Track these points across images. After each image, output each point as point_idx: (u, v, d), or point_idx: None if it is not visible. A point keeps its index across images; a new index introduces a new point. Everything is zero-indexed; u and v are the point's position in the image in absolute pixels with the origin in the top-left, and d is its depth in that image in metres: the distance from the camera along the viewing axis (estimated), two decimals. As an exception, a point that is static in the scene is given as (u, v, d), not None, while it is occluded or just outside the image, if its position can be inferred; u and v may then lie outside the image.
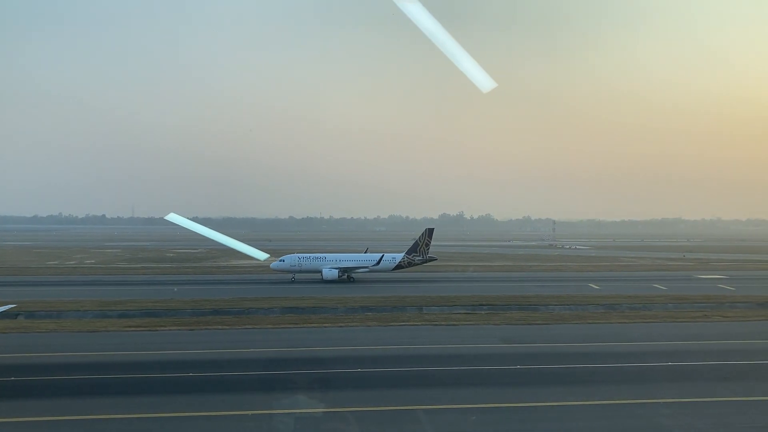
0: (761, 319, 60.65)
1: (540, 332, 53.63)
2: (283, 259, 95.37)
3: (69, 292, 78.43)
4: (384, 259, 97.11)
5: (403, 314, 62.46)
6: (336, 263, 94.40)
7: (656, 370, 40.10)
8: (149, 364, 41.28)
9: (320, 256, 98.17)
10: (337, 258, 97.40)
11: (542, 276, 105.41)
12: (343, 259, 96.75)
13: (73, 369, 39.85)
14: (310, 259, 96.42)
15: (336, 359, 42.81)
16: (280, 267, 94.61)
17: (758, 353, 43.81)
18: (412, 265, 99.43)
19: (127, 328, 54.86)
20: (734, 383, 36.86)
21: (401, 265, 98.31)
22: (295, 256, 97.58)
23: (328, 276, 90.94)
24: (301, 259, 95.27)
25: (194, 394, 34.57)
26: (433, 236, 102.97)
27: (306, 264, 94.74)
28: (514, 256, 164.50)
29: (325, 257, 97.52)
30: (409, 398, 33.36)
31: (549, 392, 34.75)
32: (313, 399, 33.55)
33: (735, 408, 32.24)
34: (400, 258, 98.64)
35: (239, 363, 41.81)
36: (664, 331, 54.03)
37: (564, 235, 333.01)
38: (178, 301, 68.83)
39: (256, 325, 56.44)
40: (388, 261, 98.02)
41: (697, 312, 64.25)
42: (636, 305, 68.30)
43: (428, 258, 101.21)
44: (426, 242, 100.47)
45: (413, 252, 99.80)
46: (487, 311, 64.07)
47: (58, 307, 64.66)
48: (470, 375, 39.03)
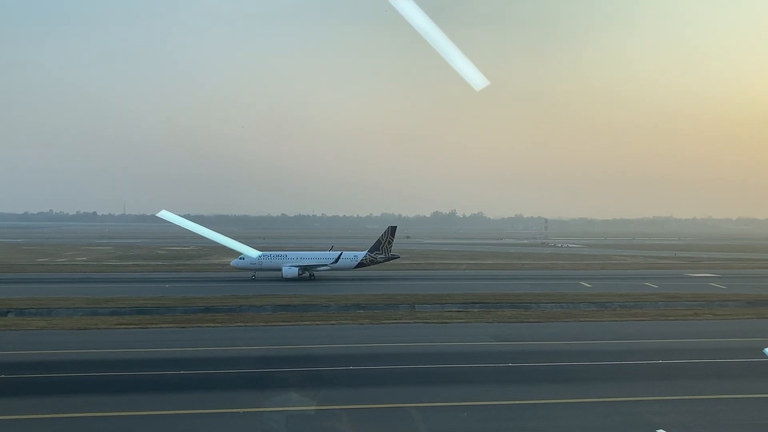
0: (751, 317, 61.04)
1: (532, 330, 53.80)
2: (243, 257, 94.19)
3: (59, 289, 78.05)
4: (344, 257, 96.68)
5: (395, 312, 62.52)
6: (296, 261, 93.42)
7: (647, 368, 40.25)
8: (140, 362, 41.15)
9: (281, 254, 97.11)
10: (298, 256, 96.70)
11: (534, 274, 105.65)
12: (303, 257, 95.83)
13: (64, 367, 39.68)
14: (270, 257, 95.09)
15: (328, 357, 42.78)
16: (241, 265, 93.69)
17: (748, 351, 44.03)
18: (374, 263, 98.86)
19: (118, 325, 54.65)
20: (724, 381, 37.08)
21: (363, 263, 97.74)
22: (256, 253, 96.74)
23: (288, 274, 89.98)
24: (262, 257, 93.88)
25: (186, 391, 34.49)
26: (395, 234, 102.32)
27: (266, 262, 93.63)
28: (506, 255, 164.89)
29: (286, 255, 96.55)
30: (402, 396, 33.38)
31: (541, 390, 34.87)
32: (305, 397, 33.50)
33: (724, 405, 32.44)
34: (362, 256, 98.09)
35: (231, 361, 41.74)
36: (655, 329, 54.30)
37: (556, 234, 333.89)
38: (169, 299, 68.64)
39: (248, 322, 56.33)
40: (350, 259, 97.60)
41: (688, 310, 64.60)
42: (627, 303, 68.59)
43: (391, 256, 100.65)
44: (389, 240, 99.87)
45: (376, 250, 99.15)
46: (479, 309, 64.21)
47: (48, 304, 64.38)
48: (462, 373, 39.09)
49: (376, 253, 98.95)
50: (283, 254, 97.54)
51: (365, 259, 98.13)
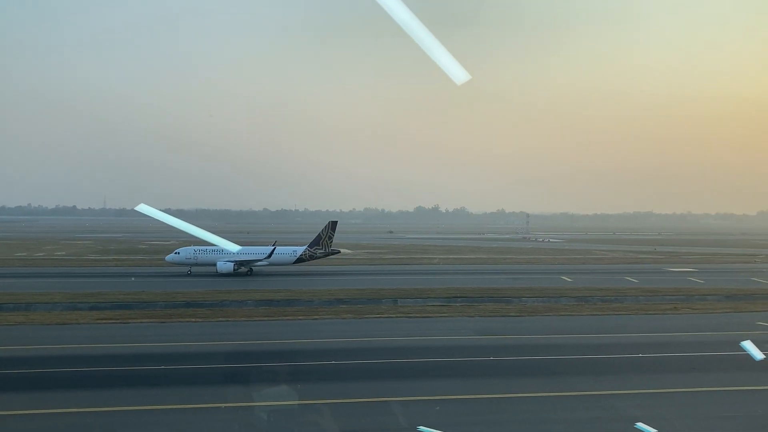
0: (729, 311, 61.83)
1: (513, 324, 54.10)
2: (178, 252, 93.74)
3: (38, 284, 77.21)
4: (284, 252, 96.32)
5: (378, 307, 62.53)
6: (232, 256, 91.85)
7: (627, 362, 40.64)
8: (120, 357, 40.79)
9: (217, 249, 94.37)
10: (234, 250, 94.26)
11: (516, 269, 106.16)
12: (239, 252, 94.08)
13: (43, 362, 39.22)
14: (206, 251, 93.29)
15: (311, 352, 42.67)
16: (175, 260, 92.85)
17: (726, 344, 44.59)
18: (314, 258, 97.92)
19: (98, 320, 54.16)
20: (703, 374, 37.55)
21: (302, 258, 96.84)
22: (191, 248, 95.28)
23: (222, 269, 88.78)
24: (197, 252, 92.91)
25: (167, 387, 34.25)
26: (336, 229, 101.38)
27: (202, 257, 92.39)
28: (488, 249, 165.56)
29: (223, 250, 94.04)
30: (384, 390, 33.40)
31: (522, 383, 35.08)
32: (287, 391, 33.41)
33: (703, 398, 32.86)
34: (302, 251, 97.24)
35: (212, 356, 41.48)
36: (635, 323, 54.82)
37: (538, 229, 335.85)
38: (150, 294, 68.13)
39: (229, 317, 56.08)
40: (289, 254, 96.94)
41: (668, 304, 65.31)
42: (608, 298, 69.18)
43: (331, 251, 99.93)
44: (329, 235, 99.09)
45: (315, 245, 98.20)
46: (461, 303, 64.42)
47: (26, 299, 63.61)
48: (444, 366, 39.19)
49: (315, 248, 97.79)
50: (218, 249, 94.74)
51: (304, 254, 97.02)
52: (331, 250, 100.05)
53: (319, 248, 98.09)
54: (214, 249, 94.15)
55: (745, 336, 46.66)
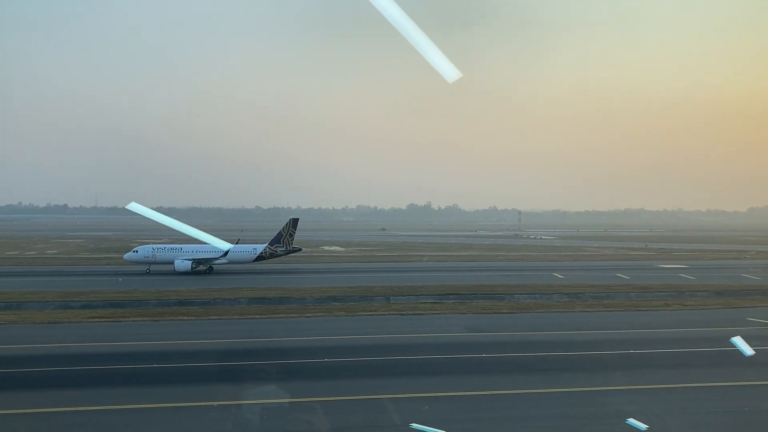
0: (719, 307, 62.21)
1: (505, 321, 54.29)
2: (136, 250, 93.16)
3: (29, 282, 76.89)
4: (244, 250, 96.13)
5: (370, 304, 62.59)
6: (190, 254, 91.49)
7: (618, 358, 40.83)
8: (113, 356, 40.68)
9: (176, 247, 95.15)
10: (193, 249, 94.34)
11: (508, 266, 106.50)
12: (197, 250, 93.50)
13: (35, 361, 39.08)
14: (164, 250, 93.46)
15: (303, 349, 42.71)
16: (134, 258, 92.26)
17: (716, 340, 44.90)
18: (274, 256, 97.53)
19: (90, 319, 53.99)
20: (694, 370, 37.81)
21: (263, 256, 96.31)
22: (149, 246, 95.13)
23: (180, 267, 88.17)
24: (155, 250, 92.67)
25: (159, 385, 34.18)
26: (297, 226, 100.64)
27: (160, 255, 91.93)
28: (480, 246, 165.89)
29: (181, 248, 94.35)
30: (376, 387, 33.45)
31: (513, 380, 35.22)
32: (279, 389, 33.45)
33: (694, 394, 33.08)
34: (262, 249, 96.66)
35: (205, 354, 41.41)
36: (626, 320, 55.11)
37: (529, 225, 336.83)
38: (142, 292, 67.95)
39: (222, 315, 56.00)
40: (249, 252, 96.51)
41: (659, 301, 65.67)
42: (599, 294, 69.47)
43: (292, 249, 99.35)
44: (290, 233, 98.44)
45: (276, 243, 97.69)
46: (453, 300, 64.57)
47: (18, 298, 63.33)
48: (437, 363, 39.31)
49: (276, 246, 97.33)
50: (177, 247, 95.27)
51: (265, 252, 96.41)
52: (292, 248, 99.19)
53: (280, 246, 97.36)
54: (173, 247, 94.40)
55: (735, 332, 47.17)
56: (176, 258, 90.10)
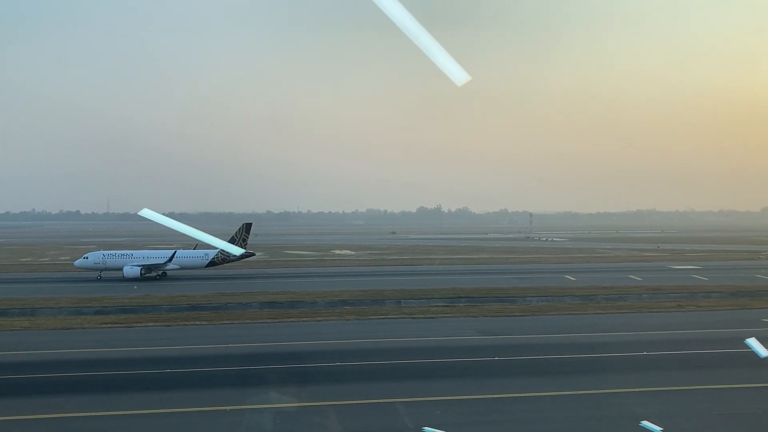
0: (733, 308, 61.72)
1: (517, 324, 54.07)
2: (86, 257, 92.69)
3: (43, 289, 77.47)
4: (195, 255, 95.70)
5: (381, 308, 62.53)
6: (141, 260, 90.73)
7: (631, 360, 40.59)
8: (125, 361, 40.86)
9: (126, 253, 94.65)
10: (143, 255, 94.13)
11: (519, 268, 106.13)
12: (148, 256, 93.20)
13: (48, 367, 39.35)
14: (114, 256, 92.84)
15: (315, 353, 42.71)
16: (84, 265, 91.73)
17: (730, 342, 44.50)
18: (227, 262, 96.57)
19: (103, 324, 54.28)
20: (707, 371, 37.52)
21: (215, 261, 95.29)
22: (100, 253, 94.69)
23: (129, 274, 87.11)
24: (106, 257, 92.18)
25: (172, 390, 34.31)
26: (250, 231, 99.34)
27: (110, 261, 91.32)
28: (491, 249, 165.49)
29: (132, 254, 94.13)
30: (388, 391, 33.42)
31: (526, 383, 35.08)
32: (292, 393, 33.45)
33: (708, 396, 32.84)
34: (214, 254, 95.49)
35: (217, 358, 41.55)
36: (639, 321, 54.76)
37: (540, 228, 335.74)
38: (154, 297, 68.26)
39: (234, 320, 56.14)
40: (200, 257, 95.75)
41: (672, 302, 65.23)
42: (612, 296, 69.12)
43: (245, 254, 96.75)
44: (243, 237, 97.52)
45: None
46: (465, 303, 64.39)
47: (32, 304, 63.80)
48: (449, 367, 39.19)
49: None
50: (128, 253, 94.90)
51: (217, 257, 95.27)
52: (245, 253, 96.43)
53: None
54: (123, 254, 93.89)
55: (749, 333, 46.39)
56: (126, 264, 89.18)
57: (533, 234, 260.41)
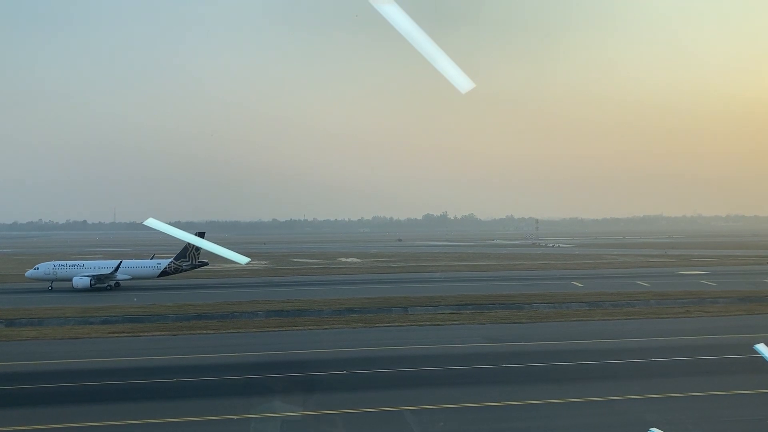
0: (742, 313, 61.37)
1: (524, 331, 53.91)
2: (37, 267, 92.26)
3: (50, 298, 77.73)
4: (146, 265, 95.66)
5: (388, 315, 62.45)
6: (91, 271, 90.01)
7: (639, 366, 40.37)
8: (133, 370, 40.94)
9: (77, 264, 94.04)
10: (94, 265, 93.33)
11: (526, 275, 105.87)
12: (99, 267, 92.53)
13: (56, 376, 39.44)
14: (65, 266, 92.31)
15: (322, 362, 42.68)
16: (35, 275, 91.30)
17: (739, 347, 44.15)
18: (179, 272, 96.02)
19: (110, 334, 54.38)
20: (716, 377, 37.28)
21: (167, 271, 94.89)
22: (50, 263, 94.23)
23: (78, 284, 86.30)
24: (56, 267, 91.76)
25: (179, 399, 34.31)
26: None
27: (61, 272, 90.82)
28: (497, 256, 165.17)
29: (83, 264, 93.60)
30: (396, 399, 33.35)
31: (535, 390, 34.92)
32: (299, 402, 33.39)
33: (717, 402, 32.62)
34: (166, 264, 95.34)
35: (224, 367, 41.56)
36: (647, 327, 54.52)
37: (547, 234, 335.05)
38: (161, 306, 68.33)
39: (240, 329, 56.16)
40: (152, 267, 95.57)
41: (680, 308, 64.89)
42: (619, 302, 68.78)
43: (198, 263, 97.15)
44: (196, 247, 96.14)
45: (182, 257, 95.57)
46: (472, 311, 64.23)
47: (39, 314, 63.98)
48: (456, 374, 39.11)
49: (182, 261, 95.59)
50: (79, 263, 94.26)
51: (169, 267, 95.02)
52: (198, 263, 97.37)
53: (186, 260, 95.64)
54: (74, 264, 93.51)
55: (758, 338, 46.14)
56: (76, 275, 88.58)
57: (540, 240, 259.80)
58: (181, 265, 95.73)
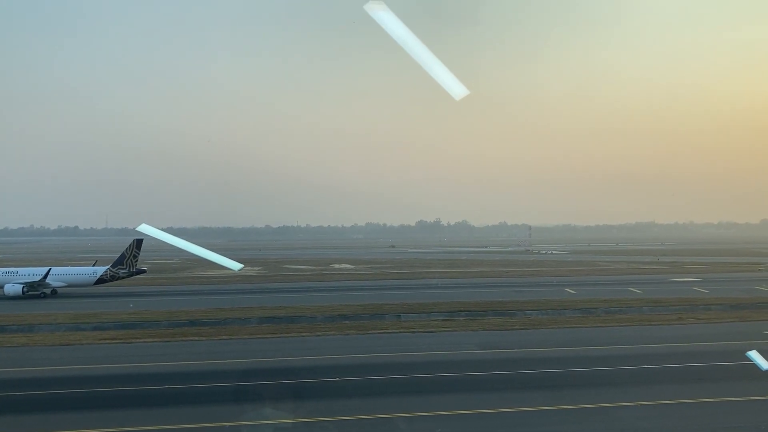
0: (734, 320, 61.55)
1: (517, 338, 53.89)
2: None
3: (41, 305, 77.25)
4: (82, 273, 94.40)
5: (381, 322, 62.34)
6: (25, 278, 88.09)
7: (632, 373, 40.41)
8: (125, 377, 40.67)
9: (11, 270, 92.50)
10: (28, 272, 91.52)
11: (519, 281, 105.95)
12: (33, 274, 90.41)
13: (47, 383, 39.13)
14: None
15: (315, 368, 42.54)
16: None
17: (732, 354, 44.21)
18: (116, 279, 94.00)
19: (102, 340, 54.06)
20: (709, 384, 37.35)
21: (103, 278, 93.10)
22: None
23: (10, 292, 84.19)
24: None
25: (171, 406, 34.09)
26: (141, 248, 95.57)
27: None
28: (491, 262, 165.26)
29: (17, 271, 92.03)
30: (389, 406, 33.23)
31: (527, 397, 34.89)
32: (291, 409, 33.27)
33: (709, 409, 32.61)
34: (102, 271, 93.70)
35: (216, 374, 41.34)
36: (639, 334, 54.59)
37: (540, 241, 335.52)
38: (153, 313, 68.00)
39: (233, 335, 55.92)
40: (88, 274, 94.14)
41: (672, 315, 65.02)
42: (612, 309, 68.89)
43: (136, 271, 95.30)
44: (133, 254, 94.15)
45: (119, 265, 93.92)
46: (464, 318, 64.16)
47: (29, 320, 63.53)
48: (449, 381, 39.02)
49: (118, 268, 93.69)
50: (13, 270, 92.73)
51: (105, 274, 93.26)
52: (136, 270, 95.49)
53: (123, 268, 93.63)
54: (8, 271, 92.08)
55: (751, 345, 46.14)
56: (9, 282, 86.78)
57: (532, 247, 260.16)
58: (117, 272, 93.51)
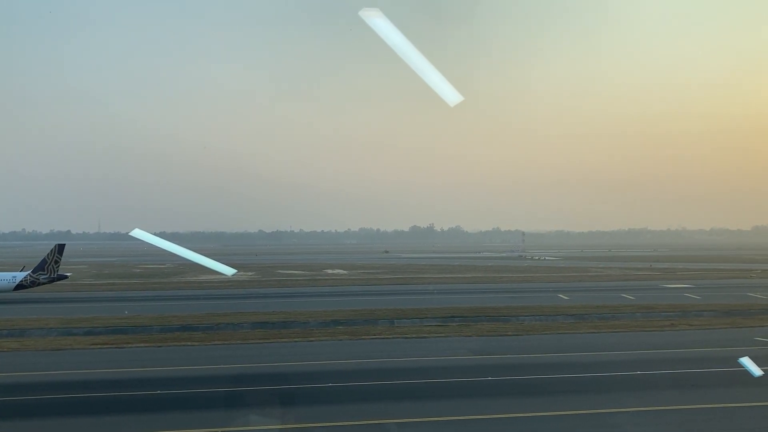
0: (726, 326, 61.70)
1: (510, 343, 53.87)
2: None
3: (31, 309, 76.78)
4: (2, 278, 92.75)
5: (374, 327, 62.22)
6: None
7: (625, 379, 40.42)
8: (116, 382, 40.40)
9: None
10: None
11: (512, 287, 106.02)
12: None
13: (37, 388, 38.78)
14: None
15: (306, 374, 42.38)
16: None
17: (724, 360, 44.45)
18: (36, 285, 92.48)
19: (93, 345, 53.74)
20: (701, 390, 37.35)
21: (23, 284, 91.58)
22: None
23: None
24: None
25: (162, 412, 33.89)
26: (63, 253, 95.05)
27: None
28: (484, 268, 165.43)
29: None
30: (381, 412, 33.13)
31: (520, 403, 34.84)
32: (283, 415, 33.13)
33: (702, 415, 32.63)
34: (22, 277, 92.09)
35: (208, 379, 41.18)
36: (632, 340, 54.67)
37: (533, 246, 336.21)
38: (145, 317, 67.69)
39: (225, 341, 55.70)
40: (7, 280, 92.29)
41: (664, 321, 65.21)
42: (605, 315, 68.99)
43: (57, 276, 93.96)
44: (55, 259, 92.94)
45: (40, 270, 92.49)
46: (458, 323, 64.11)
47: (20, 325, 63.11)
48: (442, 387, 38.93)
49: (39, 274, 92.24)
50: None
51: (25, 280, 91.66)
52: (57, 275, 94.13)
53: (44, 273, 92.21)
54: None
55: (743, 352, 46.66)
56: None
57: (526, 253, 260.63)
58: (38, 278, 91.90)
